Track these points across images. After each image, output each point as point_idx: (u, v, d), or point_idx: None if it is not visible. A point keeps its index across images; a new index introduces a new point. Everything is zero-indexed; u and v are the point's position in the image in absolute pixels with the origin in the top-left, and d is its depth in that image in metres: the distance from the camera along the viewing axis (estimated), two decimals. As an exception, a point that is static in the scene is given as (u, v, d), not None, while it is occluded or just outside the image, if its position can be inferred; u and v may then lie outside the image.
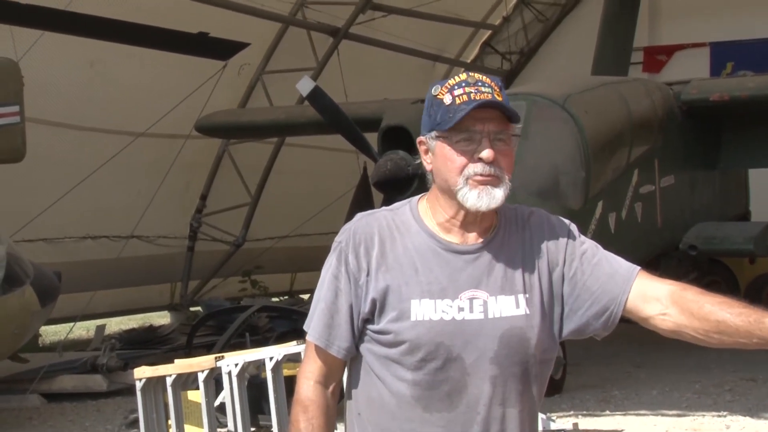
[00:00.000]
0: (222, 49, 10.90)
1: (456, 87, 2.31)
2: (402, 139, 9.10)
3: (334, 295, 2.36)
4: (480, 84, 2.30)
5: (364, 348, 2.36)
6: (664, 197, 9.45)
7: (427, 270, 2.32)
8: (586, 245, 2.39)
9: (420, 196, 2.45)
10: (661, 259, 9.59)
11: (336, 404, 2.43)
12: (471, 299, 2.31)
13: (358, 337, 2.36)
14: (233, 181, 13.83)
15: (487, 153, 2.28)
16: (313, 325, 2.39)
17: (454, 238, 2.36)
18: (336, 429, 2.48)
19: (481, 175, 2.29)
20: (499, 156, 2.30)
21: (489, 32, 17.14)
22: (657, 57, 16.11)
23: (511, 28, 16.98)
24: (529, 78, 15.92)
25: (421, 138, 2.38)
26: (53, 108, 10.96)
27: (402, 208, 2.42)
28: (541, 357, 2.36)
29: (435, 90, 2.35)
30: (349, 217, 2.44)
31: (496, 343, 2.30)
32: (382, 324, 2.32)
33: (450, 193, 2.33)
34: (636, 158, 9.11)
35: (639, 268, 2.37)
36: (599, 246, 2.41)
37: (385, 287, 2.32)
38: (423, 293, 2.30)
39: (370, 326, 2.34)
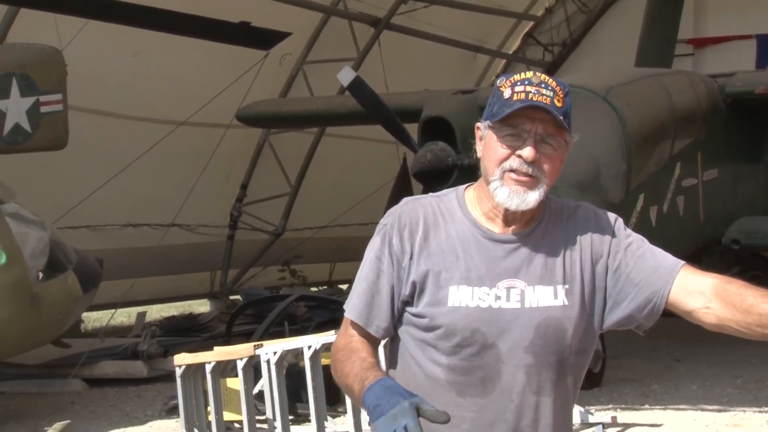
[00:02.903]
0: (263, 38, 10.92)
1: (518, 83, 2.33)
2: (442, 130, 9.07)
3: (376, 276, 2.39)
4: (543, 85, 2.32)
5: (402, 330, 2.40)
6: (707, 191, 9.34)
7: (467, 257, 2.35)
8: (632, 238, 2.40)
9: (468, 184, 2.48)
10: (703, 253, 9.48)
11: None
12: (509, 288, 2.33)
13: (397, 318, 2.39)
14: (273, 170, 13.88)
15: (528, 152, 2.31)
16: (352, 303, 2.41)
17: (496, 227, 2.38)
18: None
19: (517, 171, 2.31)
20: (543, 158, 2.32)
21: (531, 23, 17.02)
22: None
23: (554, 19, 16.85)
24: (572, 70, 15.79)
25: (479, 124, 2.42)
26: (96, 97, 11.06)
27: (448, 195, 2.45)
28: (578, 348, 2.37)
29: (500, 81, 2.38)
30: (389, 208, 2.47)
31: (531, 333, 2.32)
32: (420, 307, 2.35)
33: (488, 183, 2.36)
34: (679, 151, 9.00)
35: (684, 262, 2.38)
36: (645, 240, 2.42)
37: (426, 271, 2.35)
38: (461, 280, 2.33)
39: (409, 308, 2.37)
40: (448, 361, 2.33)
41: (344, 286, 15.04)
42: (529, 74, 2.36)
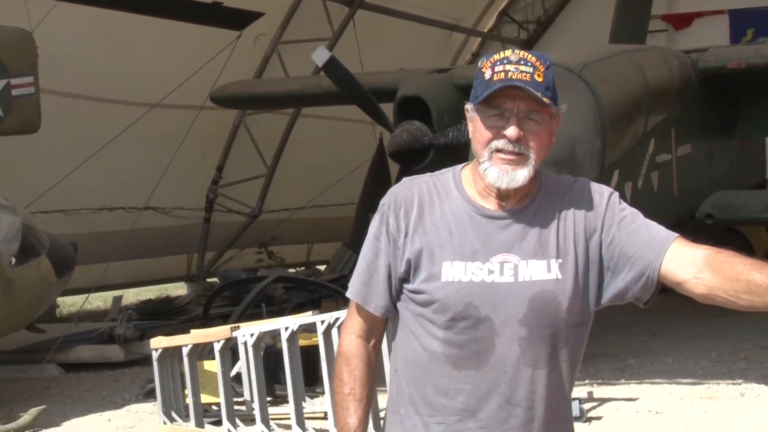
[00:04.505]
0: (236, 18, 10.87)
1: (498, 63, 2.36)
2: (418, 109, 9.05)
3: (374, 255, 2.47)
4: (522, 62, 2.35)
5: (402, 306, 2.46)
6: (681, 166, 9.38)
7: (461, 233, 2.40)
8: (626, 212, 2.44)
9: (465, 163, 2.53)
10: (678, 228, 9.53)
11: (378, 358, 2.54)
12: (502, 263, 2.38)
13: (396, 296, 2.46)
14: (249, 152, 13.82)
15: (511, 131, 2.35)
16: (352, 282, 2.51)
17: (490, 204, 2.43)
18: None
19: (504, 151, 2.35)
20: (528, 135, 2.36)
21: (506, 1, 17.00)
22: (676, 23, 15.96)
23: (529, -4, 16.85)
24: (547, 47, 15.79)
25: (467, 106, 2.45)
26: (68, 79, 10.95)
27: (446, 173, 2.51)
28: (574, 321, 2.41)
29: (481, 63, 2.41)
30: (366, 188, 2.51)
31: (525, 306, 2.36)
32: (415, 284, 2.42)
33: (479, 164, 2.41)
34: (653, 127, 9.03)
35: (677, 234, 2.42)
36: (640, 213, 2.45)
37: (420, 248, 2.41)
38: (455, 255, 2.39)
39: (406, 285, 2.44)
40: (443, 335, 2.39)
41: (322, 267, 15.03)
42: (508, 52, 2.38)
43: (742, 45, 13.59)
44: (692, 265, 2.34)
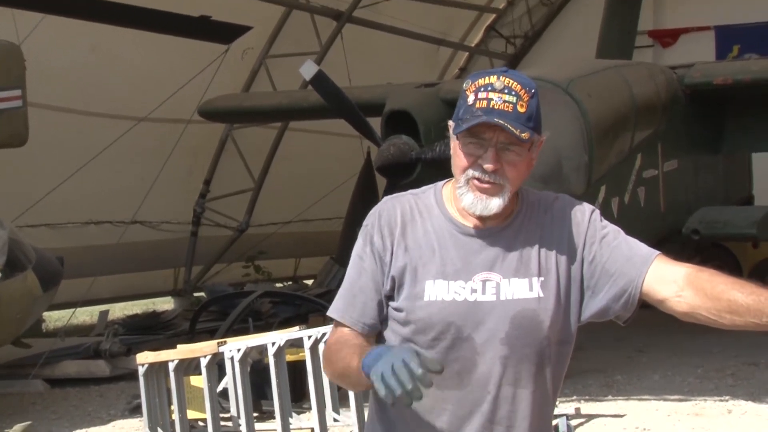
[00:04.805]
0: (224, 32, 10.87)
1: (482, 89, 2.34)
2: (405, 123, 9.06)
3: (358, 275, 2.44)
4: (506, 91, 2.32)
5: (387, 327, 2.43)
6: (667, 181, 9.42)
7: (443, 252, 2.38)
8: (608, 230, 2.43)
9: (446, 180, 2.51)
10: (664, 244, 9.56)
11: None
12: (484, 281, 2.36)
13: (384, 315, 2.43)
14: (237, 166, 13.81)
15: (488, 162, 2.34)
16: (335, 303, 2.48)
17: (472, 222, 2.41)
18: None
19: (480, 180, 2.34)
20: (506, 165, 2.35)
21: (493, 16, 17.06)
22: (663, 40, 16.06)
23: (516, 11, 16.91)
24: (534, 62, 15.86)
25: (450, 122, 2.43)
26: (55, 92, 10.93)
27: (427, 192, 2.49)
28: (556, 339, 2.40)
29: (466, 84, 2.38)
30: (353, 202, 2.50)
31: (507, 324, 2.35)
32: (398, 302, 2.40)
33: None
34: (639, 142, 9.07)
35: (658, 252, 2.40)
36: (621, 231, 2.44)
37: (404, 266, 2.39)
38: (437, 274, 2.37)
39: (390, 303, 2.41)
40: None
41: (309, 282, 15.00)
42: (493, 78, 2.35)
43: (728, 61, 13.68)
44: (674, 283, 2.33)
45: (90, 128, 11.51)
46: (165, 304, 15.48)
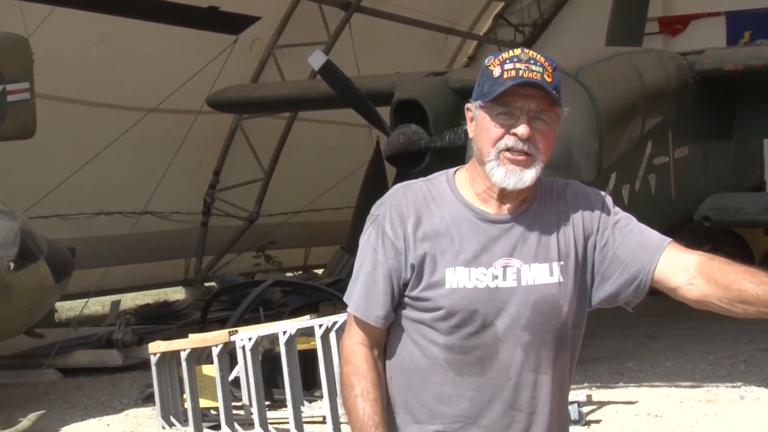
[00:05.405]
0: (232, 23, 10.84)
1: (507, 61, 2.33)
2: (414, 112, 9.06)
3: (372, 267, 2.41)
4: (532, 62, 2.33)
5: (400, 313, 2.41)
6: (678, 168, 9.39)
7: (462, 239, 2.36)
8: (620, 216, 2.43)
9: (458, 167, 2.49)
10: (675, 230, 9.54)
11: (383, 364, 2.46)
12: (505, 267, 2.35)
13: (396, 304, 2.41)
14: (246, 156, 13.82)
15: (522, 129, 2.31)
16: (352, 298, 2.44)
17: (490, 208, 2.39)
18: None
19: (513, 150, 2.31)
20: (537, 135, 2.33)
21: (502, 4, 17.01)
22: (673, 26, 15.98)
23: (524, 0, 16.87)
24: (543, 50, 15.76)
25: (468, 105, 2.41)
26: (64, 84, 10.94)
27: (439, 178, 2.46)
28: (573, 323, 2.41)
29: (488, 61, 2.37)
30: (363, 191, 2.49)
31: (528, 310, 2.35)
32: (418, 291, 2.37)
33: (483, 164, 2.37)
34: (650, 129, 9.04)
35: (670, 239, 2.40)
36: (633, 217, 2.44)
37: (423, 255, 2.36)
38: (458, 261, 2.35)
39: (407, 292, 2.39)
40: (445, 341, 2.36)
41: (319, 271, 15.02)
42: (518, 51, 2.36)
43: (739, 47, 13.61)
44: (686, 271, 2.33)
45: (100, 119, 11.52)
46: (176, 293, 15.53)
